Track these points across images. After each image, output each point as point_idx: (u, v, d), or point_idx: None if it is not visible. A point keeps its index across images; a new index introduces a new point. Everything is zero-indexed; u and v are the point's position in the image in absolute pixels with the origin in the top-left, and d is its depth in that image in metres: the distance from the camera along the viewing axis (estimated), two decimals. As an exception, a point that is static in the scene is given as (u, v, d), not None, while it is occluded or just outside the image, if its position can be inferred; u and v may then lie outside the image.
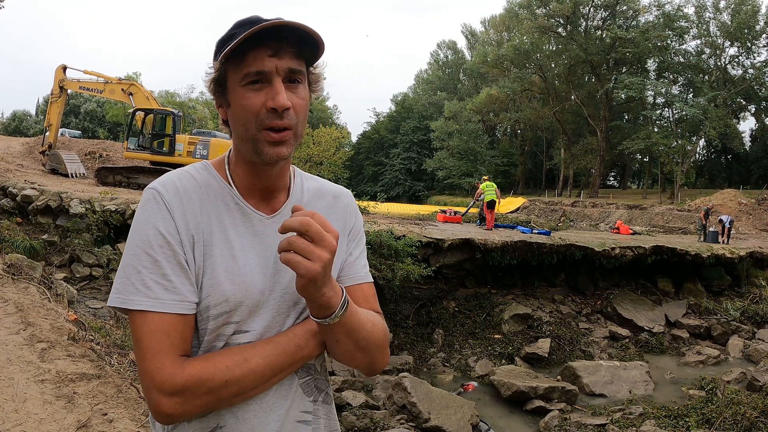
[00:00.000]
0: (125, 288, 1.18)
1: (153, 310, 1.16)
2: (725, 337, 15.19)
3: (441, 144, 68.63)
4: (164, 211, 1.21)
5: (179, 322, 1.18)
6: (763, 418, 8.89)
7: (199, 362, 1.18)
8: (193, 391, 1.15)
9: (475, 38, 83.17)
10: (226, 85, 1.25)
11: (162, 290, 1.17)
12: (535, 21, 55.71)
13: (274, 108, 1.20)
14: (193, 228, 1.23)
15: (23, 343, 5.08)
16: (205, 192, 1.28)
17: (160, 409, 1.15)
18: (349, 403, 9.47)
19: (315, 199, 1.43)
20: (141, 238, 1.20)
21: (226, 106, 1.27)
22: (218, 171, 1.33)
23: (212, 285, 1.22)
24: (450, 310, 14.48)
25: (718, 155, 64.41)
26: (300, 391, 1.34)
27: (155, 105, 21.74)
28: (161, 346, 1.15)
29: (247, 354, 1.22)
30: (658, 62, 52.94)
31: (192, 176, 1.30)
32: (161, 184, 1.25)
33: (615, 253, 15.79)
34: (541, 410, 10.38)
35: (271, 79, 1.20)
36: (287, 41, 1.20)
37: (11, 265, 8.42)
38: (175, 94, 65.08)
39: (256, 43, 1.17)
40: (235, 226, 1.28)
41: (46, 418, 3.73)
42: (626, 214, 36.89)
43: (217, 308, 1.23)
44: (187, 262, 1.21)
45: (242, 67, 1.19)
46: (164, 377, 1.14)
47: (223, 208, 1.28)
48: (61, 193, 14.32)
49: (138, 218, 1.23)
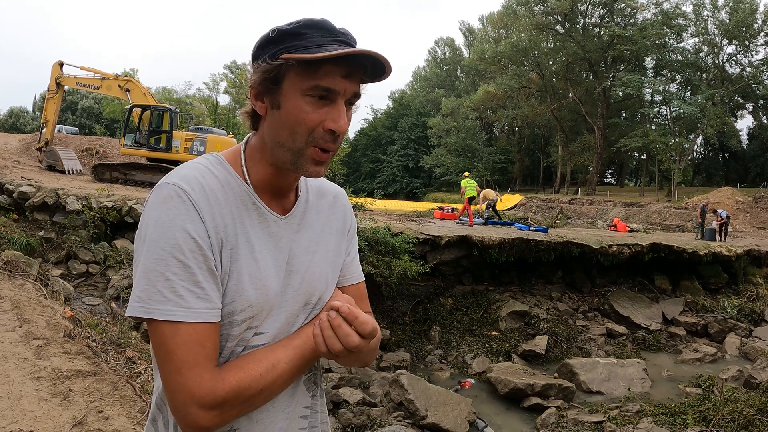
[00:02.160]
0: (151, 297, 1.09)
1: (187, 320, 1.10)
2: (722, 334, 15.22)
3: (438, 141, 68.66)
4: (193, 212, 1.13)
5: (212, 332, 1.13)
6: (759, 415, 8.90)
7: (236, 372, 1.14)
8: (231, 402, 1.12)
9: (473, 35, 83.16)
10: (282, 85, 1.16)
11: (194, 298, 1.10)
12: (533, 18, 55.77)
13: (332, 130, 1.16)
14: (222, 231, 1.17)
15: (19, 340, 5.06)
16: (226, 191, 1.21)
17: (198, 423, 1.10)
18: (346, 400, 9.46)
19: (318, 199, 1.41)
20: (168, 241, 1.10)
21: (274, 106, 1.19)
22: (234, 167, 1.26)
23: (238, 290, 1.18)
24: (447, 307, 14.49)
25: (715, 153, 64.52)
26: (303, 388, 1.34)
27: (152, 101, 21.69)
28: (198, 359, 1.10)
29: (272, 360, 1.19)
30: (655, 60, 53.00)
31: (212, 173, 1.22)
32: (184, 180, 1.15)
33: (612, 250, 15.81)
34: (538, 407, 10.40)
35: (336, 100, 1.16)
36: (364, 69, 1.17)
37: (7, 262, 8.40)
38: (173, 91, 65.03)
39: (334, 58, 1.11)
40: (254, 228, 1.23)
41: (42, 416, 3.72)
42: (623, 212, 36.95)
43: (242, 314, 1.19)
44: (215, 267, 1.15)
45: (312, 77, 1.13)
46: (205, 391, 1.09)
47: (242, 208, 1.23)
48: (58, 190, 14.29)
49: (161, 218, 1.12)
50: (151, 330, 1.12)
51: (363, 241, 12.08)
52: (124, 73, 48.28)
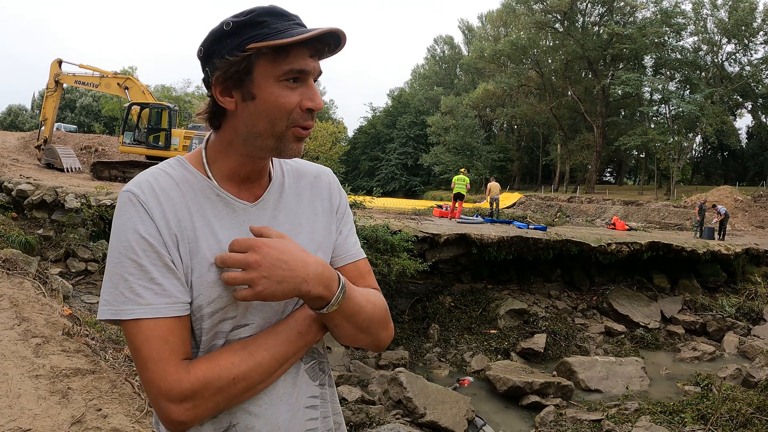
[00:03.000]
0: (115, 299, 1.13)
1: (146, 317, 1.11)
2: (720, 333, 15.24)
3: (437, 139, 68.56)
4: (142, 213, 1.15)
5: (176, 326, 1.14)
6: (758, 414, 8.92)
7: (203, 363, 1.14)
8: (201, 394, 1.12)
9: (472, 33, 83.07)
10: (252, 76, 1.17)
11: (152, 295, 1.12)
12: (532, 16, 55.70)
13: (310, 108, 1.20)
14: (175, 226, 1.17)
15: (18, 339, 5.06)
16: (182, 187, 1.22)
17: (171, 417, 1.11)
18: (345, 398, 9.46)
19: (296, 180, 1.40)
20: (122, 244, 1.14)
21: (247, 98, 1.18)
22: (195, 165, 1.27)
23: (202, 283, 1.18)
24: (446, 305, 14.50)
25: (714, 152, 64.51)
26: (306, 377, 1.32)
27: (151, 99, 21.68)
28: (161, 353, 1.11)
29: (250, 348, 1.19)
30: (655, 58, 52.96)
31: (167, 173, 1.23)
32: (136, 185, 1.19)
33: (611, 248, 15.83)
34: (537, 405, 10.41)
35: (308, 80, 1.19)
36: (328, 47, 1.21)
37: (6, 260, 8.39)
38: (171, 89, 65.06)
39: (300, 42, 1.14)
40: (220, 219, 1.23)
41: (41, 414, 3.72)
42: (622, 210, 36.96)
43: (210, 306, 1.18)
44: (174, 263, 1.16)
45: (284, 62, 1.15)
46: (170, 384, 1.10)
47: (204, 201, 1.23)
48: (57, 188, 14.27)
49: (116, 224, 1.16)
50: (124, 332, 1.15)
51: (362, 239, 12.04)
52: (123, 71, 48.22)
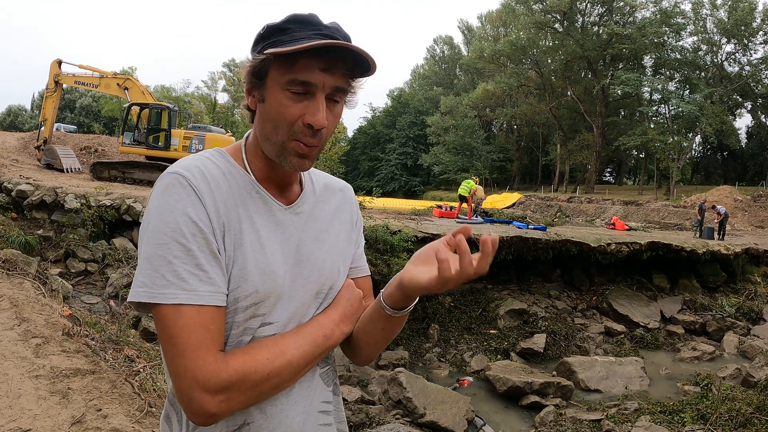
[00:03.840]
0: (154, 281, 1.09)
1: (190, 303, 1.08)
2: (720, 333, 15.24)
3: (437, 139, 68.63)
4: (194, 197, 1.13)
5: (216, 316, 1.12)
6: (758, 414, 8.92)
7: (241, 356, 1.13)
8: (237, 387, 1.10)
9: (472, 34, 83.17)
10: (266, 80, 1.18)
11: (197, 281, 1.10)
12: (531, 16, 55.79)
13: (310, 125, 1.16)
14: (224, 215, 1.17)
15: (17, 339, 5.07)
16: (228, 179, 1.22)
17: (203, 408, 1.08)
18: (345, 398, 9.46)
19: (327, 194, 1.43)
20: (169, 225, 1.10)
21: (260, 100, 1.21)
22: (235, 159, 1.27)
23: (242, 276, 1.17)
24: (445, 305, 14.49)
25: (714, 152, 64.56)
26: (320, 382, 1.33)
27: (151, 100, 21.68)
28: (201, 342, 1.08)
29: (281, 346, 1.19)
30: (654, 58, 53.08)
31: (214, 163, 1.22)
32: (184, 168, 1.16)
33: (611, 248, 15.83)
34: (537, 405, 10.41)
35: (315, 93, 1.16)
36: (343, 61, 1.16)
37: (6, 261, 8.40)
38: (171, 89, 65.10)
39: (311, 52, 1.12)
40: (259, 215, 1.23)
41: (41, 414, 3.72)
42: (622, 210, 36.97)
43: (246, 300, 1.18)
44: (219, 251, 1.14)
45: (290, 71, 1.14)
46: (208, 374, 1.07)
47: (246, 196, 1.23)
48: (56, 188, 14.29)
49: (162, 204, 1.12)
50: (155, 316, 1.11)
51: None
52: (123, 71, 48.20)
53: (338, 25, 1.19)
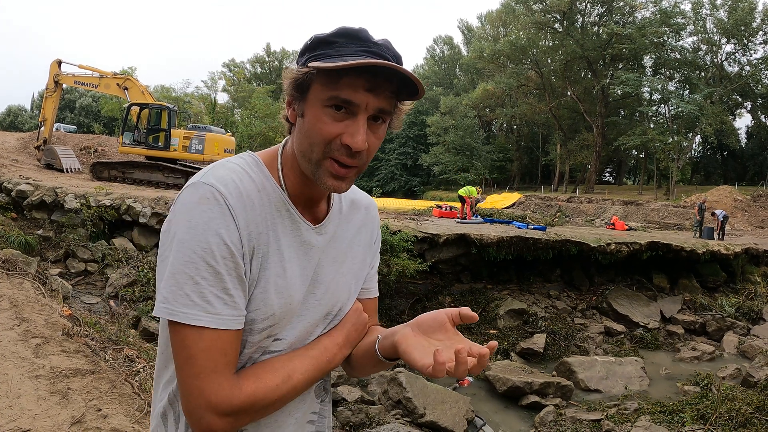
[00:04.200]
0: (177, 299, 1.07)
1: (212, 326, 1.08)
2: (720, 333, 15.24)
3: (437, 139, 68.61)
4: (228, 217, 1.09)
5: (235, 338, 1.12)
6: (757, 414, 8.92)
7: (253, 382, 1.14)
8: (247, 411, 1.12)
9: (472, 34, 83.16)
10: (307, 94, 1.14)
11: (222, 305, 1.09)
12: (531, 16, 55.80)
13: (348, 145, 1.12)
14: (255, 238, 1.14)
15: (17, 339, 5.07)
16: (262, 196, 1.18)
17: (210, 428, 1.09)
18: (345, 398, 9.46)
19: (352, 211, 1.40)
20: (200, 244, 1.07)
21: (300, 114, 1.17)
22: (270, 170, 1.23)
23: (263, 299, 1.17)
24: (445, 305, 14.46)
25: (713, 152, 64.57)
26: (313, 395, 1.35)
27: (150, 100, 21.67)
28: (218, 365, 1.08)
29: (289, 370, 1.19)
30: (654, 58, 53.12)
31: (249, 176, 1.18)
32: (222, 182, 1.12)
33: (610, 248, 15.82)
34: (537, 405, 10.40)
35: (357, 114, 1.11)
36: (389, 82, 1.12)
37: (6, 261, 8.40)
38: (171, 89, 65.00)
39: (356, 70, 1.07)
40: (285, 235, 1.21)
41: (40, 414, 3.72)
42: (622, 210, 36.96)
43: (264, 322, 1.18)
44: (245, 274, 1.13)
45: (333, 88, 1.09)
46: (222, 398, 1.08)
47: (276, 215, 1.20)
48: (56, 188, 14.28)
49: (195, 219, 1.08)
50: (173, 331, 1.10)
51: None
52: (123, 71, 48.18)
53: (389, 42, 1.15)
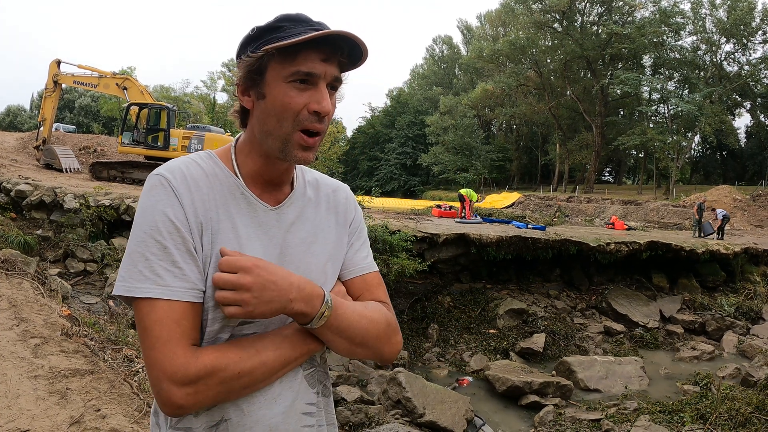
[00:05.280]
0: (132, 275, 1.15)
1: (163, 297, 1.14)
2: (720, 332, 15.23)
3: (436, 139, 68.55)
4: (172, 197, 1.19)
5: (190, 311, 1.16)
6: (757, 413, 8.92)
7: (212, 352, 1.16)
8: (206, 381, 1.13)
9: (471, 33, 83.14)
10: (264, 77, 1.22)
11: (172, 277, 1.15)
12: (530, 16, 55.75)
13: (317, 111, 1.21)
14: (202, 215, 1.21)
15: (16, 339, 5.06)
16: (211, 180, 1.26)
17: (171, 399, 1.12)
18: (344, 398, 9.46)
19: (315, 191, 1.44)
20: (149, 224, 1.17)
21: (259, 97, 1.24)
22: (223, 161, 1.32)
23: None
24: (445, 305, 14.49)
25: (713, 151, 64.55)
26: (305, 383, 1.34)
27: (150, 99, 21.67)
28: (172, 335, 1.13)
29: (257, 346, 1.21)
30: (653, 58, 53.01)
31: (198, 164, 1.27)
32: (168, 170, 1.23)
33: (610, 248, 15.82)
34: (536, 405, 10.41)
35: (318, 83, 1.21)
36: (341, 51, 1.22)
37: (5, 261, 8.39)
38: (170, 89, 64.99)
39: (310, 44, 1.18)
40: (242, 216, 1.26)
41: (39, 414, 3.71)
42: (621, 210, 36.97)
43: None
44: (195, 250, 1.19)
45: (292, 64, 1.19)
46: (177, 367, 1.11)
47: (229, 197, 1.26)
48: (56, 188, 14.27)
49: (144, 204, 1.19)
50: (134, 309, 1.17)
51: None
52: (122, 71, 48.17)
53: (323, 22, 1.23)
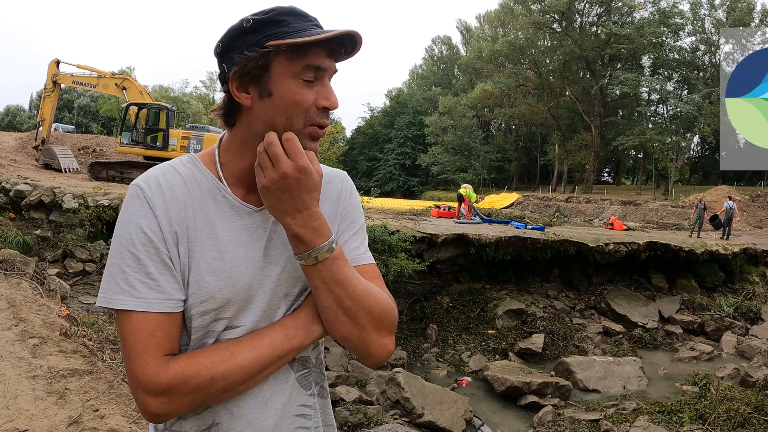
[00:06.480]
0: (110, 287, 1.16)
1: (137, 309, 1.15)
2: (718, 333, 15.23)
3: (435, 139, 68.60)
4: (146, 208, 1.18)
5: (165, 321, 1.17)
6: (756, 413, 8.92)
7: (183, 360, 1.16)
8: (178, 389, 1.13)
9: (470, 34, 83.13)
10: (269, 73, 1.18)
11: (146, 289, 1.15)
12: (530, 17, 55.74)
13: (325, 107, 1.22)
14: (177, 224, 1.20)
15: (15, 339, 5.06)
16: (190, 186, 1.24)
17: (147, 408, 1.14)
18: (343, 398, 9.45)
19: None
20: (124, 236, 1.17)
21: (264, 94, 1.19)
22: (206, 164, 1.29)
23: (197, 282, 1.20)
24: (444, 305, 14.49)
25: (712, 152, 64.58)
26: (297, 385, 1.32)
27: (149, 100, 21.67)
28: (146, 346, 1.14)
29: (233, 349, 1.19)
30: (652, 58, 53.05)
31: (176, 170, 1.26)
32: (144, 179, 1.22)
33: (609, 248, 15.82)
34: (535, 405, 10.41)
35: (324, 78, 1.22)
36: (344, 48, 1.23)
37: (4, 261, 8.39)
38: (169, 89, 64.90)
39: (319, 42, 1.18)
40: (223, 220, 1.24)
41: (38, 414, 3.71)
42: (620, 210, 36.99)
43: (202, 305, 1.20)
44: (171, 260, 1.18)
45: (302, 60, 1.18)
46: (149, 377, 1.13)
47: (210, 202, 1.24)
48: (54, 188, 14.24)
49: (121, 216, 1.20)
50: (117, 320, 1.20)
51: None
52: (121, 71, 48.14)
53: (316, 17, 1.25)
